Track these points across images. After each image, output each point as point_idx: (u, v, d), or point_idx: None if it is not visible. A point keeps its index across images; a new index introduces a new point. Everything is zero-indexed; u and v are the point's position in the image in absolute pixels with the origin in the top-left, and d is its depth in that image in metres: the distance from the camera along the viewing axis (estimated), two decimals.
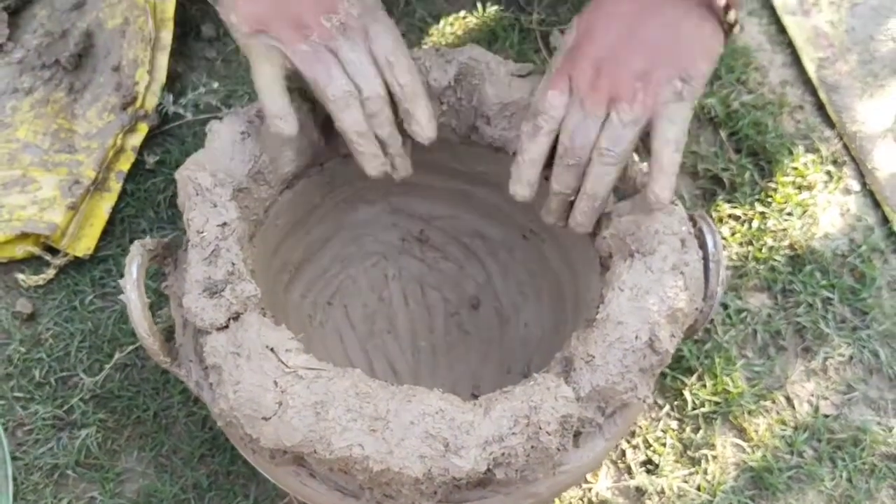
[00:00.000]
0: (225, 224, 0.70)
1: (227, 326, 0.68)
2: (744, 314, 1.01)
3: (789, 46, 1.19)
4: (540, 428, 0.63)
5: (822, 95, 1.15)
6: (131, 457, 0.92)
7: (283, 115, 0.71)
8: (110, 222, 1.01)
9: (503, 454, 0.62)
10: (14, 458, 0.90)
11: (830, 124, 1.14)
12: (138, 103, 1.03)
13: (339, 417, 0.62)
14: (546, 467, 0.65)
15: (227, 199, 0.72)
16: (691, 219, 0.73)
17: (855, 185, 1.10)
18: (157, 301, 0.96)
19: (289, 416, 0.62)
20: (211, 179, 0.72)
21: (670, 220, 0.71)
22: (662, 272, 0.69)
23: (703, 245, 0.72)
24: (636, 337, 0.66)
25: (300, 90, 0.75)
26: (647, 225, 0.70)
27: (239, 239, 0.71)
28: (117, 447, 0.92)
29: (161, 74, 1.06)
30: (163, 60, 1.07)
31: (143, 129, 1.04)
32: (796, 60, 1.18)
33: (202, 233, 0.70)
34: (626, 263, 0.70)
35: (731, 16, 0.69)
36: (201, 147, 1.05)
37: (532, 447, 0.63)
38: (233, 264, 0.69)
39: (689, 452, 0.94)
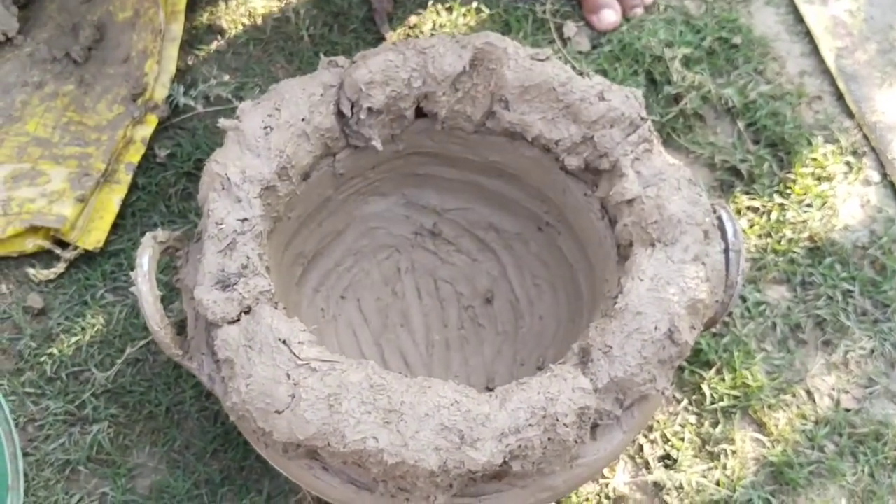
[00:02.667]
0: (245, 219, 0.70)
1: (238, 319, 0.67)
2: (763, 307, 1.00)
3: (807, 36, 1.18)
4: (557, 420, 0.62)
5: (841, 85, 1.14)
6: (143, 452, 0.91)
7: None
8: (121, 216, 1.00)
9: (519, 446, 0.61)
10: (25, 454, 0.89)
11: (850, 114, 1.12)
12: (148, 94, 1.03)
13: (352, 410, 0.61)
14: (563, 460, 0.64)
15: (253, 196, 0.71)
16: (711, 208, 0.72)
17: (875, 176, 1.09)
18: (169, 295, 0.95)
19: (302, 408, 0.61)
20: (240, 175, 0.71)
21: (694, 210, 0.70)
22: (684, 262, 0.68)
23: (722, 234, 0.71)
24: (655, 328, 0.65)
25: None
26: (669, 213, 0.69)
27: (258, 236, 0.70)
28: (129, 442, 0.91)
29: (171, 65, 1.05)
30: (172, 51, 1.06)
31: (153, 120, 1.03)
32: (815, 50, 1.17)
33: (221, 225, 0.69)
34: (647, 252, 0.68)
35: None
36: (213, 140, 1.05)
37: (549, 439, 0.62)
38: (248, 258, 0.68)
39: (707, 447, 0.93)
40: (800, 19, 1.19)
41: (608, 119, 0.74)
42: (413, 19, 1.16)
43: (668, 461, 0.92)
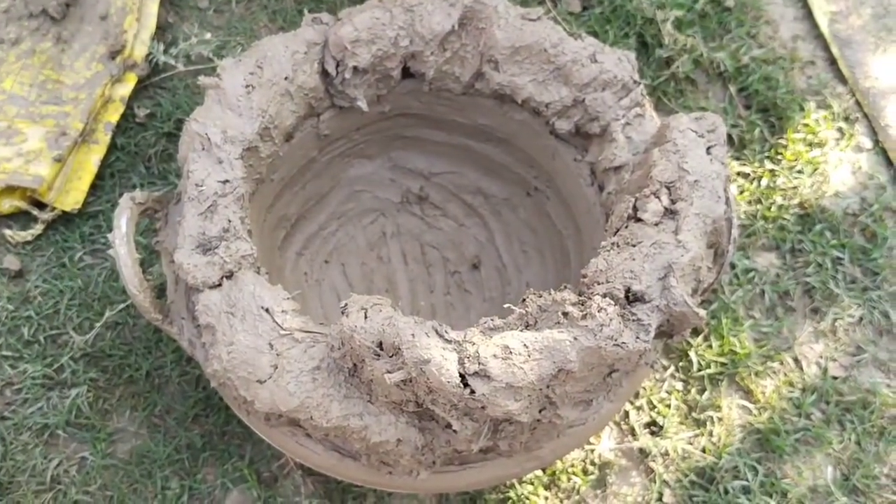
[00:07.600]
0: (227, 181, 0.68)
1: (220, 284, 0.65)
2: (752, 274, 0.99)
3: None
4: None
5: (835, 50, 1.12)
6: (123, 416, 0.90)
7: None
8: (100, 177, 0.98)
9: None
10: (3, 418, 0.88)
11: (843, 80, 1.11)
12: (127, 52, 1.00)
13: (337, 384, 0.60)
14: (551, 436, 0.63)
15: (234, 156, 0.69)
16: None
17: (867, 143, 1.07)
18: (149, 258, 0.94)
19: (285, 380, 0.60)
20: (221, 136, 0.69)
21: None
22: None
23: None
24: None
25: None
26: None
27: (239, 198, 0.68)
28: (109, 407, 0.90)
29: (150, 22, 1.02)
30: (152, 7, 1.03)
31: (132, 78, 1.00)
32: (808, 14, 1.15)
33: (201, 186, 0.67)
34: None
35: None
36: (193, 100, 1.03)
37: (538, 421, 0.60)
38: (229, 221, 0.66)
39: (694, 414, 0.92)
40: None
41: (600, 82, 0.73)
42: None
43: (654, 428, 0.92)
